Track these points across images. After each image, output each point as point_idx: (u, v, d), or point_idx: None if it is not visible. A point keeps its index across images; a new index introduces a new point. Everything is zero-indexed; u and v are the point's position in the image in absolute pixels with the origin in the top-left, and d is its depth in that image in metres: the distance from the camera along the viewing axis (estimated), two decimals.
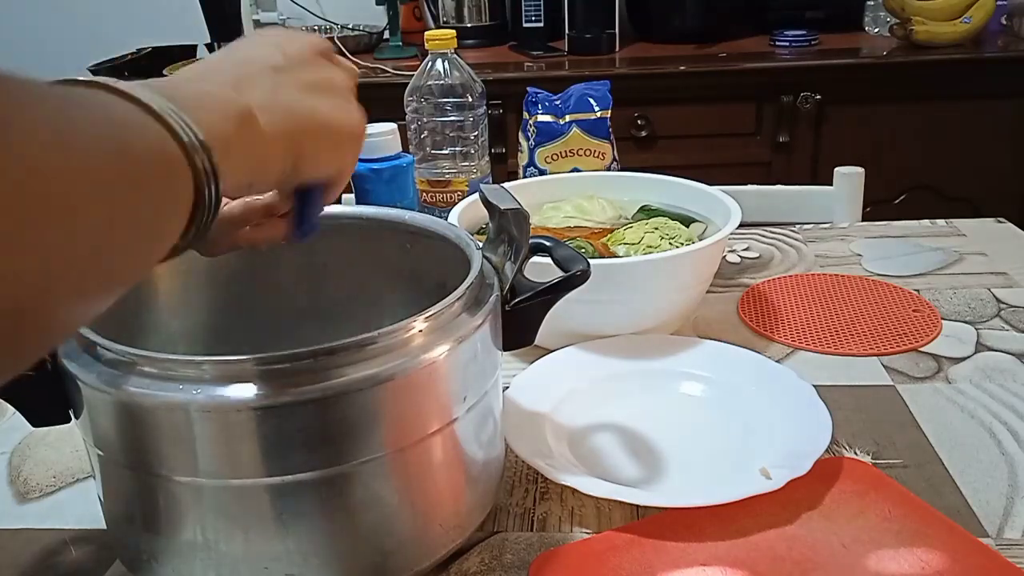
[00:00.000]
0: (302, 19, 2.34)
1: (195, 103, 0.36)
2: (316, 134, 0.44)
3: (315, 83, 0.45)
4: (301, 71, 0.45)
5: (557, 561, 0.54)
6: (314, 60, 0.47)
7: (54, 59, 2.35)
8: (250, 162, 0.41)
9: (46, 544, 0.59)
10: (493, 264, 0.56)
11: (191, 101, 0.36)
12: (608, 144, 1.09)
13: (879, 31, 2.03)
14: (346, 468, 0.46)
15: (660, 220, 0.86)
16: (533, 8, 2.10)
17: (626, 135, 1.83)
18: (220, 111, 0.38)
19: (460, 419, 0.51)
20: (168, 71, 0.88)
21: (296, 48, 0.46)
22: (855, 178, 1.21)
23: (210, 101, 0.38)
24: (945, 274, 0.93)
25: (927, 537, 0.54)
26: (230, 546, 0.47)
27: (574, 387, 0.71)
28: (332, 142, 0.46)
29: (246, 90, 0.41)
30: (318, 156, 0.45)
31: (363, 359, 0.45)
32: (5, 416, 0.75)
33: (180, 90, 0.37)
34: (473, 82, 1.03)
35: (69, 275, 0.28)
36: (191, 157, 0.35)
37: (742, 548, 0.54)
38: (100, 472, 0.51)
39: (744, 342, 0.78)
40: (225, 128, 0.38)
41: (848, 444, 0.65)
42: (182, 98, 0.36)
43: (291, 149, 0.43)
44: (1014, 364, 0.75)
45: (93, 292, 0.31)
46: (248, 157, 0.40)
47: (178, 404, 0.44)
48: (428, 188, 1.04)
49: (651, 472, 0.62)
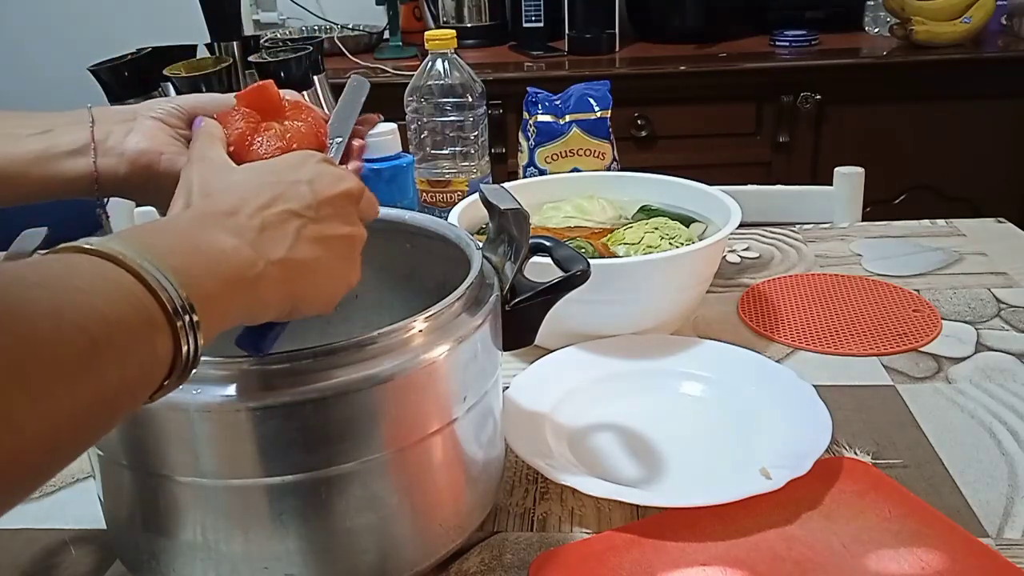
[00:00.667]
0: (302, 19, 2.34)
1: (189, 259, 0.36)
2: (317, 287, 0.44)
3: (334, 238, 0.45)
4: (325, 223, 0.45)
5: (557, 561, 0.54)
6: (342, 210, 0.46)
7: (54, 59, 2.35)
8: (242, 313, 0.40)
9: (46, 544, 0.59)
10: (493, 264, 0.56)
11: (186, 257, 0.36)
12: (608, 144, 1.09)
13: (879, 31, 2.03)
14: (346, 468, 0.46)
15: (660, 220, 0.86)
16: (533, 8, 2.10)
17: (626, 135, 1.83)
18: (217, 275, 0.38)
19: (460, 419, 0.51)
20: (168, 71, 0.88)
21: (329, 192, 0.45)
22: (855, 178, 1.21)
23: (207, 260, 0.38)
24: (945, 274, 0.93)
25: (927, 537, 0.54)
26: (230, 546, 0.47)
27: (574, 387, 0.71)
28: (329, 296, 0.46)
29: (267, 244, 0.41)
30: (312, 305, 0.45)
31: (363, 359, 0.45)
32: None
33: (179, 244, 0.37)
34: (473, 82, 1.03)
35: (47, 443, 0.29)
36: (172, 320, 0.34)
37: (742, 548, 0.54)
38: (100, 472, 0.51)
39: (744, 342, 0.78)
40: (214, 286, 0.37)
41: (848, 444, 0.65)
42: (179, 253, 0.36)
43: (289, 300, 0.43)
44: (1014, 364, 0.75)
45: (68, 453, 0.31)
46: (242, 309, 0.40)
47: (178, 404, 0.44)
48: (428, 188, 1.04)
49: (651, 472, 0.62)
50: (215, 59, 0.95)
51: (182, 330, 0.34)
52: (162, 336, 0.34)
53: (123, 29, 1.69)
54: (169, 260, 0.35)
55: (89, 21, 2.38)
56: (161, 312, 0.34)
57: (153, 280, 0.34)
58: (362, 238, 0.48)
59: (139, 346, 0.33)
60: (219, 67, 0.89)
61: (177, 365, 0.35)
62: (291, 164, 0.47)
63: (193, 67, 0.90)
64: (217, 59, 0.95)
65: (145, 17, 2.31)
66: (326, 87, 1.05)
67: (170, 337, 0.34)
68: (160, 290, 0.34)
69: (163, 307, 0.34)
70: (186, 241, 0.38)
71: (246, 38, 1.03)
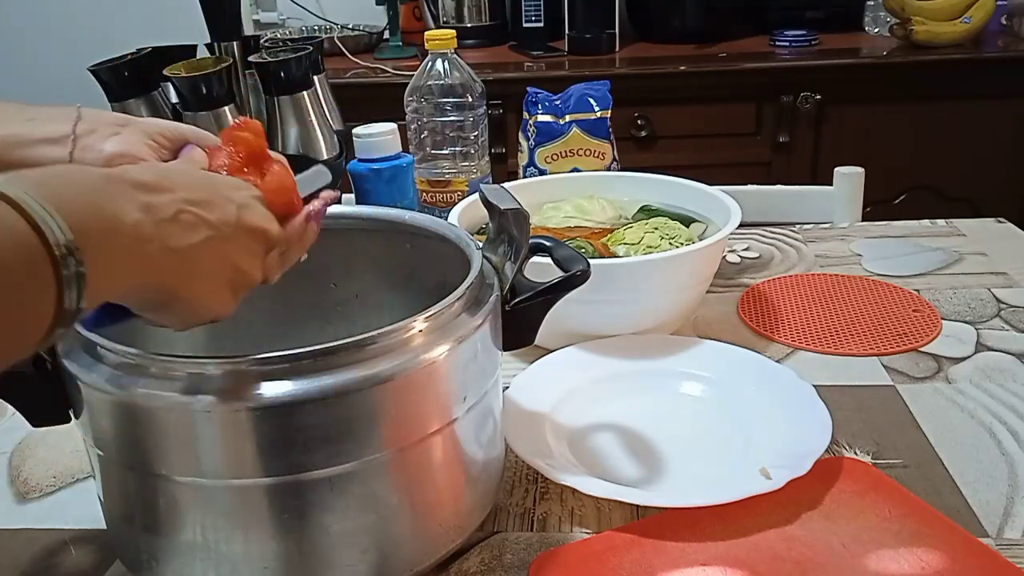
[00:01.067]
0: (302, 19, 2.34)
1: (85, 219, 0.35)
2: (193, 298, 0.43)
3: (232, 264, 0.44)
4: (233, 246, 0.44)
5: (557, 561, 0.54)
6: (253, 245, 0.46)
7: (54, 59, 2.35)
8: (125, 286, 0.39)
9: (46, 544, 0.59)
10: (493, 264, 0.56)
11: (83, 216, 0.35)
12: (608, 144, 1.09)
13: (879, 31, 2.03)
14: (346, 468, 0.46)
15: (660, 220, 0.86)
16: (533, 8, 2.10)
17: (626, 135, 1.83)
18: (112, 241, 0.37)
19: (460, 419, 0.51)
20: (168, 71, 0.88)
21: (250, 223, 0.45)
22: (855, 178, 1.21)
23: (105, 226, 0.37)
24: (945, 274, 0.93)
25: (927, 537, 0.54)
26: (230, 546, 0.47)
27: (574, 387, 0.71)
28: (197, 312, 0.44)
29: (171, 231, 0.40)
30: (177, 311, 0.44)
31: (363, 359, 0.45)
32: (5, 416, 0.75)
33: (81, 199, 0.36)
34: (473, 82, 1.03)
35: None
36: (57, 264, 0.33)
37: (742, 548, 0.54)
38: (100, 472, 0.51)
39: (744, 342, 0.78)
40: (107, 250, 0.36)
41: (848, 444, 0.65)
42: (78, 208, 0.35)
43: (163, 295, 0.42)
44: (1014, 364, 0.75)
45: None
46: (127, 281, 0.39)
47: (178, 404, 0.44)
48: (428, 188, 1.04)
49: (651, 472, 0.62)
50: (215, 59, 0.95)
51: (68, 279, 0.33)
52: (44, 282, 0.33)
53: (123, 29, 1.69)
54: (65, 211, 0.34)
55: (89, 21, 2.38)
56: (46, 255, 0.33)
57: (43, 224, 0.33)
58: (254, 282, 0.47)
59: (18, 286, 0.32)
60: (219, 67, 0.89)
61: (61, 315, 0.34)
62: (232, 184, 0.47)
63: (193, 67, 0.90)
64: (217, 59, 0.95)
65: (145, 17, 2.31)
66: (326, 87, 1.05)
67: (54, 283, 0.33)
68: (48, 232, 0.33)
69: (48, 250, 0.33)
70: (90, 200, 0.36)
71: (246, 38, 1.03)
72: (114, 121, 0.56)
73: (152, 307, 0.43)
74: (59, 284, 0.33)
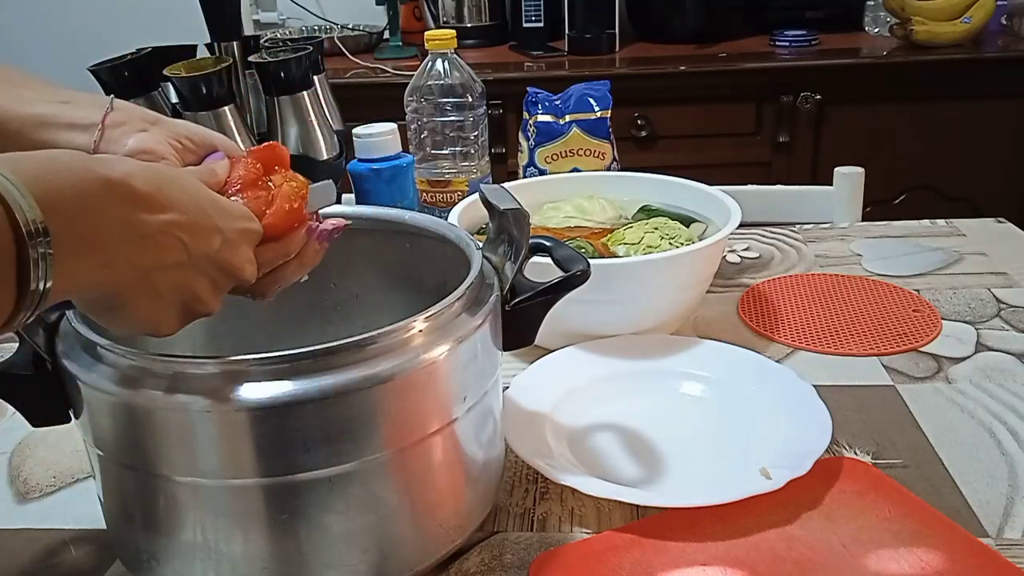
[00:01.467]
0: (302, 19, 2.34)
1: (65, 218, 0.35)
2: (136, 311, 0.42)
3: (189, 289, 0.43)
4: (195, 274, 0.43)
5: (557, 561, 0.54)
6: (219, 280, 0.45)
7: (54, 59, 2.34)
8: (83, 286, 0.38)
9: (46, 544, 0.59)
10: (493, 264, 0.56)
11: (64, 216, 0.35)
12: (608, 144, 1.09)
13: (879, 31, 2.03)
14: (346, 468, 0.46)
15: (660, 220, 0.86)
16: (533, 8, 2.10)
17: (626, 135, 1.83)
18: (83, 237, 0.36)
19: (460, 419, 0.51)
20: (168, 71, 0.88)
21: (225, 259, 0.44)
22: (855, 178, 1.21)
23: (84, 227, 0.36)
24: (945, 274, 0.93)
25: (927, 537, 0.54)
26: (230, 546, 0.47)
27: (574, 387, 0.71)
28: (136, 322, 0.43)
29: (140, 249, 0.39)
30: (116, 320, 0.43)
31: (363, 359, 0.45)
32: (5, 416, 0.75)
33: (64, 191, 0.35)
34: (473, 82, 1.03)
35: None
36: (22, 239, 0.33)
37: (742, 548, 0.54)
38: (100, 472, 0.51)
39: (744, 342, 0.78)
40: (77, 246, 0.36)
41: (848, 444, 0.65)
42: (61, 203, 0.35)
43: (108, 300, 0.41)
44: (1014, 364, 0.75)
45: None
46: (85, 282, 0.38)
47: (178, 404, 0.44)
48: (428, 188, 1.04)
49: (651, 472, 0.62)
50: (215, 59, 0.95)
51: (35, 259, 0.33)
52: (5, 257, 0.33)
53: (123, 29, 1.69)
54: (42, 197, 0.34)
55: (89, 21, 2.38)
56: (10, 230, 0.32)
57: (12, 201, 0.32)
58: (209, 312, 0.46)
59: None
60: (219, 67, 0.89)
61: (24, 298, 0.34)
62: (229, 212, 0.46)
63: (193, 67, 0.90)
64: (217, 59, 0.95)
65: (145, 17, 2.31)
66: (326, 87, 1.05)
67: (14, 260, 0.33)
68: (16, 208, 0.32)
69: (14, 225, 0.33)
70: (74, 193, 0.36)
71: (246, 38, 1.03)
72: (143, 117, 0.56)
73: (94, 307, 0.43)
74: (22, 261, 0.33)
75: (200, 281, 0.44)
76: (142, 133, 0.54)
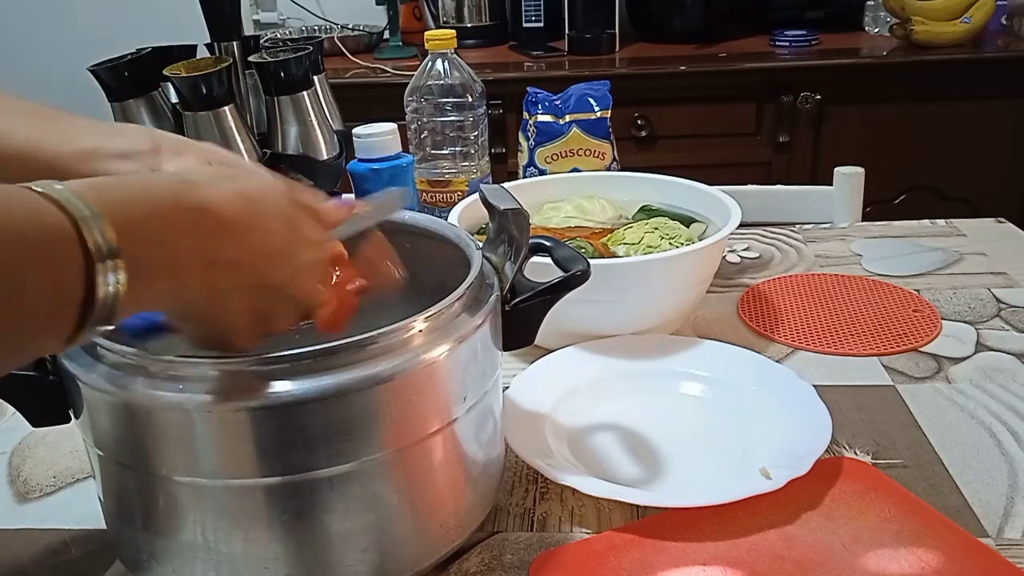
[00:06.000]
0: (302, 19, 2.34)
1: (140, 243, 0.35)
2: (206, 328, 0.44)
3: (257, 311, 0.44)
4: (264, 299, 0.44)
5: (557, 561, 0.54)
6: (284, 306, 0.46)
7: (54, 60, 2.34)
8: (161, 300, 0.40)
9: (46, 544, 0.59)
10: (493, 264, 0.56)
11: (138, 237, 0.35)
12: (608, 144, 1.09)
13: (879, 31, 2.03)
14: (346, 468, 0.46)
15: (660, 220, 0.86)
16: (533, 8, 2.10)
17: (626, 135, 1.83)
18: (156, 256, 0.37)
19: (460, 419, 0.51)
20: (168, 71, 0.88)
21: (294, 290, 0.45)
22: (855, 178, 1.21)
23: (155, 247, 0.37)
24: (945, 274, 0.93)
25: (927, 537, 0.54)
26: (230, 546, 0.47)
27: (574, 387, 0.71)
28: (210, 342, 0.45)
29: (212, 271, 0.40)
30: (195, 335, 0.45)
31: (363, 359, 0.45)
32: (5, 416, 0.75)
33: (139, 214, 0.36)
34: (473, 82, 1.03)
35: None
36: (80, 231, 0.33)
37: (742, 548, 0.54)
38: (100, 472, 0.51)
39: (744, 342, 0.78)
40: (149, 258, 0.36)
41: (848, 444, 0.65)
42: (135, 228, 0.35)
43: (185, 313, 0.43)
44: (1014, 364, 0.75)
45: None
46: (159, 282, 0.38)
47: (178, 404, 0.44)
48: (428, 188, 1.04)
49: (651, 472, 0.62)
50: (215, 59, 0.95)
51: (104, 282, 0.34)
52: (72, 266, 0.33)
53: (123, 29, 1.69)
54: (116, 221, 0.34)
55: (89, 21, 2.38)
56: (80, 251, 0.33)
57: (81, 218, 0.33)
58: (281, 330, 0.47)
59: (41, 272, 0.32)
60: (219, 67, 0.89)
61: (88, 318, 0.34)
62: (306, 241, 0.46)
63: (193, 67, 0.90)
64: (217, 59, 0.95)
65: (145, 17, 2.31)
66: (326, 87, 1.05)
67: (81, 282, 0.33)
68: (86, 230, 0.33)
69: (83, 245, 0.33)
70: (146, 217, 0.37)
71: (246, 38, 1.03)
72: (176, 142, 0.55)
73: (171, 317, 0.45)
74: (90, 282, 0.34)
75: (269, 305, 0.45)
76: (179, 158, 0.53)
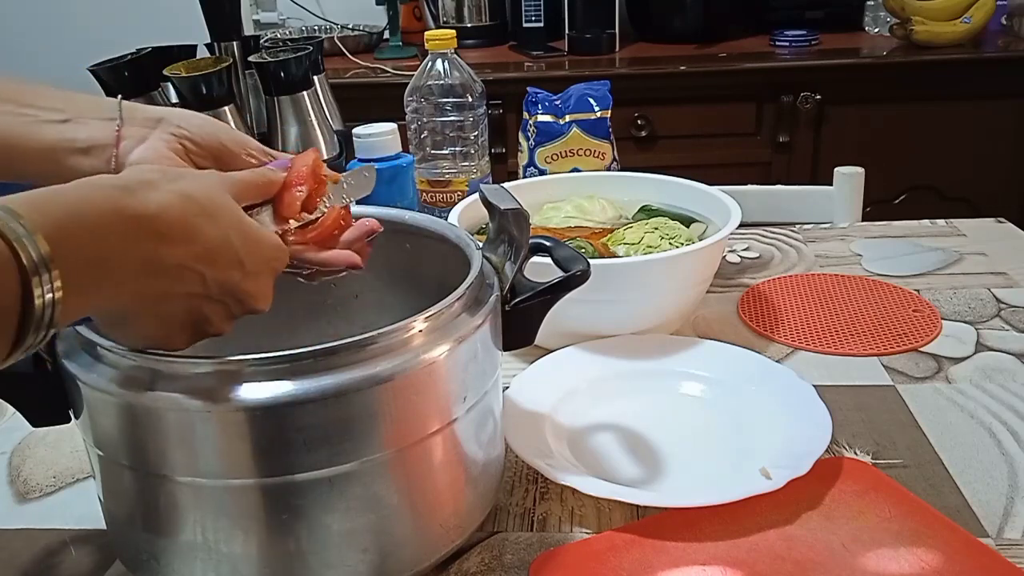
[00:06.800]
0: (302, 19, 2.34)
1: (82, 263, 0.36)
2: (138, 332, 0.44)
3: (202, 314, 0.44)
4: (209, 304, 0.44)
5: (557, 561, 0.54)
6: (231, 308, 0.45)
7: (54, 60, 2.34)
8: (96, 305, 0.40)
9: (46, 544, 0.59)
10: (493, 264, 0.56)
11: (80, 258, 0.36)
12: (608, 144, 1.09)
13: (879, 31, 2.03)
14: (346, 468, 0.46)
15: (660, 220, 0.86)
16: (533, 8, 2.10)
17: (626, 135, 1.83)
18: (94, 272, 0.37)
19: (460, 419, 0.51)
20: (168, 71, 0.88)
21: (241, 289, 0.45)
22: (855, 178, 1.21)
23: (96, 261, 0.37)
24: (945, 274, 0.93)
25: (927, 537, 0.54)
26: (230, 546, 0.47)
27: (574, 387, 0.71)
28: (142, 343, 0.45)
29: (153, 279, 0.40)
30: (125, 338, 0.45)
31: (363, 359, 0.45)
32: (5, 416, 0.75)
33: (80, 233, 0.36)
34: (473, 82, 1.03)
35: None
36: (15, 249, 0.33)
37: (742, 548, 0.54)
38: (100, 472, 0.51)
39: (744, 342, 0.78)
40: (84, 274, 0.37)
41: (848, 444, 0.65)
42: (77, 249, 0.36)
43: (117, 317, 0.43)
44: (1014, 364, 0.75)
45: None
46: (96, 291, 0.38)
47: (178, 404, 0.44)
48: (428, 188, 1.04)
49: (651, 472, 0.62)
50: (215, 59, 0.95)
51: (40, 295, 0.34)
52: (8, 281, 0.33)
53: (123, 29, 1.69)
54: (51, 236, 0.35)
55: (89, 21, 2.38)
56: (15, 266, 0.33)
57: (13, 235, 0.33)
58: (218, 333, 0.47)
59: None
60: (219, 67, 0.89)
61: (26, 331, 0.35)
62: (255, 243, 0.45)
63: (193, 67, 0.90)
64: (217, 59, 0.95)
65: (145, 17, 2.31)
66: (326, 87, 1.05)
67: (18, 296, 0.34)
68: (19, 245, 0.33)
69: (18, 261, 0.33)
70: (92, 233, 0.37)
71: (246, 38, 1.03)
72: (144, 122, 0.54)
73: (101, 320, 0.44)
74: (27, 294, 0.34)
75: (212, 307, 0.45)
76: (141, 146, 0.53)
